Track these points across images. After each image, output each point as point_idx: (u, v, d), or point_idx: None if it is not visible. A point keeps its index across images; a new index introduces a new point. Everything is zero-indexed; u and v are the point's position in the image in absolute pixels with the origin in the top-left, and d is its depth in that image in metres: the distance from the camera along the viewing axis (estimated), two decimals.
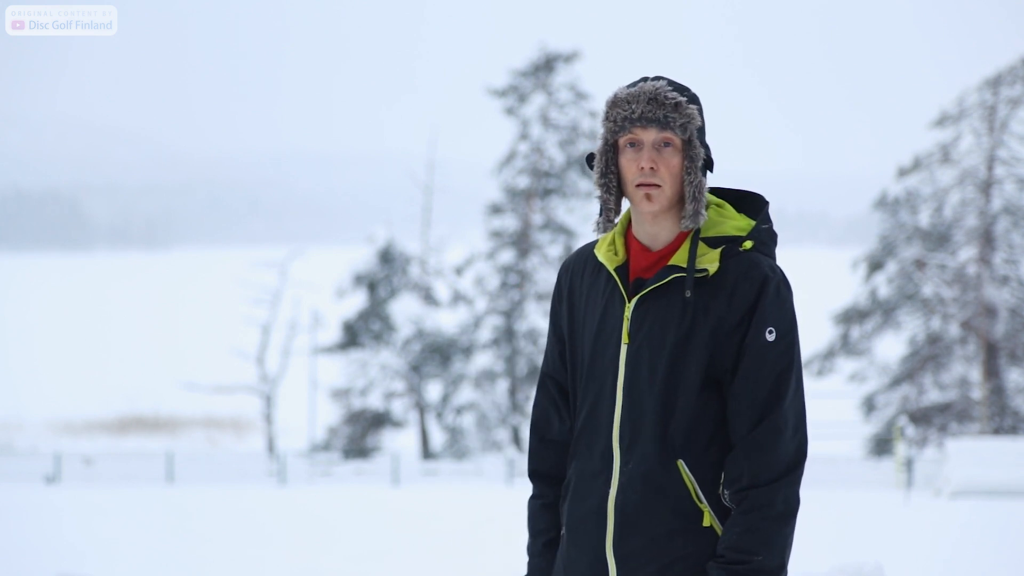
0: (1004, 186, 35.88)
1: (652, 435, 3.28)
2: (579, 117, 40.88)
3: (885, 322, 36.40)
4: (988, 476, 26.03)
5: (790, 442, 3.25)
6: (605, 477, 3.33)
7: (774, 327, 3.25)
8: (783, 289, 3.28)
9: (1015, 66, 35.46)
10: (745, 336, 3.26)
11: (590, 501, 3.34)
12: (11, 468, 35.16)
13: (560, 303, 3.49)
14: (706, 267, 3.28)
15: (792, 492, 3.24)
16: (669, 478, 3.27)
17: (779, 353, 3.25)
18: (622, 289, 3.35)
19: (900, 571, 12.82)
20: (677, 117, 3.28)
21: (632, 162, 3.31)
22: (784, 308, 3.27)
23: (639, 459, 3.29)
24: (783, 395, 3.25)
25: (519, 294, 40.22)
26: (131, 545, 16.79)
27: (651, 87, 3.31)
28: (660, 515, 3.27)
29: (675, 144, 3.29)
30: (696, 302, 3.28)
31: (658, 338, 3.29)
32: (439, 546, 16.68)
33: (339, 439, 40.14)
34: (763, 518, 3.21)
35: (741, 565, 3.21)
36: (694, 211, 3.29)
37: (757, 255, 3.31)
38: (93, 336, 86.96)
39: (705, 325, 3.26)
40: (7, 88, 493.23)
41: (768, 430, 3.24)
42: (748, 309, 3.26)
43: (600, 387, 3.35)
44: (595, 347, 3.37)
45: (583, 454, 3.39)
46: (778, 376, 3.25)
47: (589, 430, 3.37)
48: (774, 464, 3.23)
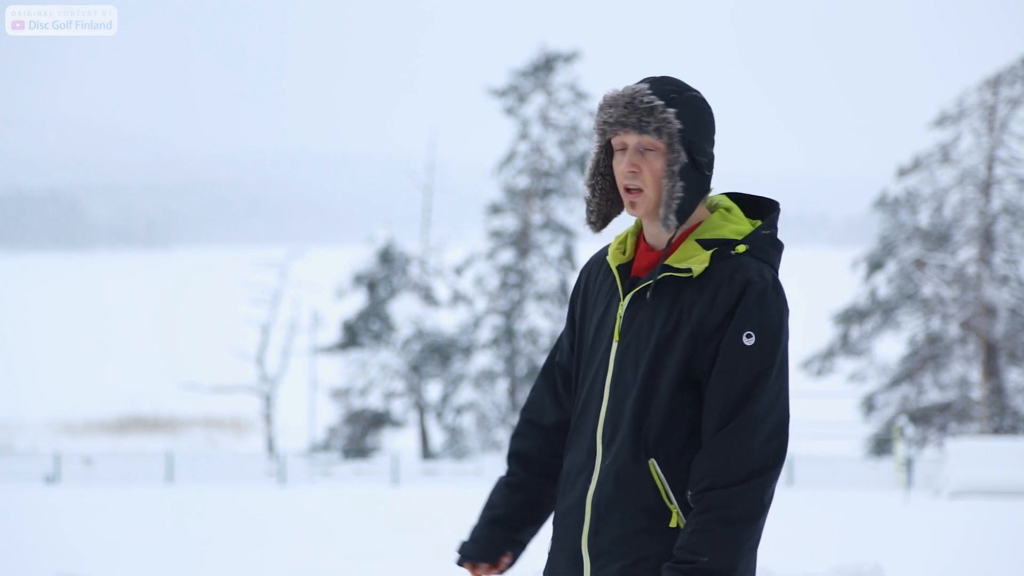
0: (1004, 186, 35.89)
1: (628, 433, 3.28)
2: (579, 117, 40.89)
3: (885, 322, 36.41)
4: (988, 476, 26.04)
5: (761, 446, 3.21)
6: (588, 473, 3.34)
7: (753, 331, 3.22)
8: (770, 294, 3.24)
9: (1015, 66, 35.46)
10: (722, 338, 3.24)
11: (572, 496, 3.37)
12: (11, 468, 35.16)
13: (576, 298, 3.52)
14: (691, 267, 3.27)
15: (755, 497, 3.19)
16: (640, 477, 3.27)
17: (756, 358, 3.22)
18: (619, 287, 3.37)
19: (899, 571, 12.82)
20: (652, 121, 3.27)
21: (619, 165, 3.33)
22: (767, 313, 3.23)
23: (615, 456, 3.30)
24: (756, 398, 3.21)
25: (519, 294, 40.23)
26: (131, 545, 16.80)
27: (630, 91, 3.31)
28: (630, 513, 3.27)
29: (658, 148, 3.29)
30: (681, 303, 3.27)
31: (644, 337, 3.30)
32: (439, 546, 16.67)
33: (339, 439, 40.16)
34: (716, 520, 3.18)
35: (687, 564, 3.18)
36: (665, 216, 3.28)
37: (748, 259, 3.28)
38: (93, 336, 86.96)
39: (685, 326, 3.26)
40: (7, 88, 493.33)
41: (735, 432, 3.21)
42: (728, 312, 3.24)
43: (592, 383, 3.38)
44: (593, 344, 3.41)
45: (573, 449, 3.41)
46: (752, 380, 3.22)
47: (580, 425, 3.40)
48: (736, 467, 3.19)
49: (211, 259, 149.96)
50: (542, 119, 40.85)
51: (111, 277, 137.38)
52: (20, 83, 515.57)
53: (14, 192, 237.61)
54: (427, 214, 42.31)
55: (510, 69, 41.15)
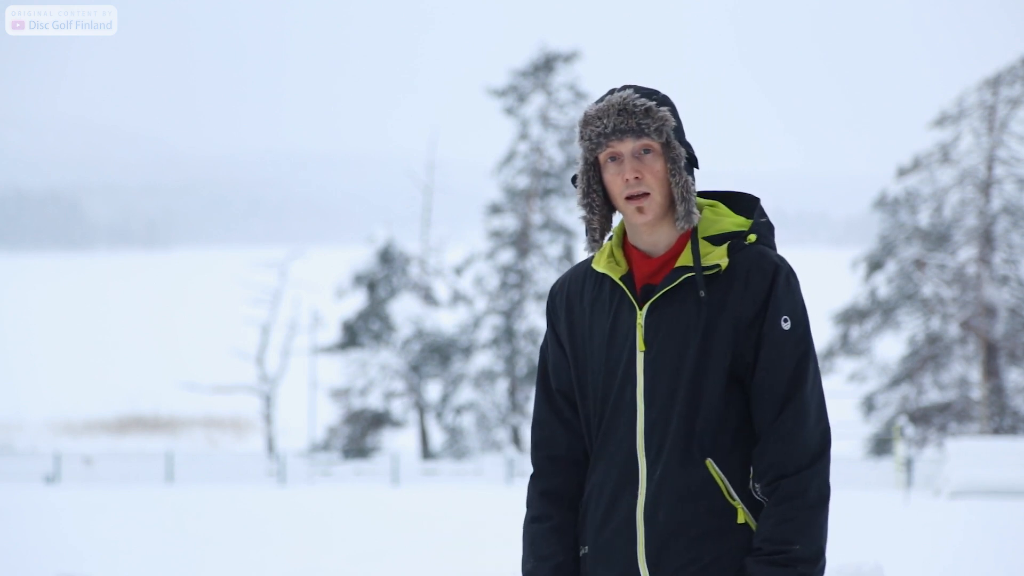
0: (1004, 186, 35.89)
1: (679, 439, 3.24)
2: (579, 117, 40.90)
3: (885, 322, 36.41)
4: (988, 476, 26.04)
5: (815, 428, 3.24)
6: (632, 489, 3.27)
7: (788, 315, 3.24)
8: (792, 278, 3.28)
9: (1015, 66, 35.47)
10: (762, 327, 3.25)
11: (617, 516, 3.29)
12: (11, 468, 35.17)
13: (558, 323, 3.43)
14: (717, 263, 3.26)
15: (823, 479, 3.22)
16: (700, 480, 3.24)
17: (796, 341, 3.24)
18: (631, 297, 3.31)
19: (900, 571, 12.82)
20: (650, 122, 3.27)
21: (616, 176, 3.30)
22: (795, 297, 3.27)
23: (666, 465, 3.25)
24: (803, 382, 3.24)
25: (519, 294, 40.23)
26: (131, 545, 16.80)
27: (618, 98, 3.31)
28: (694, 518, 3.23)
29: (655, 149, 3.28)
30: (710, 299, 3.26)
31: (678, 341, 3.26)
32: (439, 546, 16.68)
33: (339, 439, 40.16)
34: (797, 507, 3.19)
35: (780, 555, 3.18)
36: (686, 211, 3.28)
37: (763, 247, 3.30)
38: (93, 336, 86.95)
39: (724, 321, 3.25)
40: (7, 88, 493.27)
41: (792, 418, 3.22)
42: (763, 300, 3.25)
43: (618, 398, 3.30)
44: (608, 359, 3.32)
45: (600, 470, 3.33)
46: (797, 364, 3.24)
47: (609, 443, 3.32)
48: (802, 452, 3.21)
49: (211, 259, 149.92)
50: (542, 119, 40.85)
51: (111, 277, 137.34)
52: (20, 83, 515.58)
53: (14, 192, 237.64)
54: (427, 214, 42.31)
55: (510, 69, 41.16)
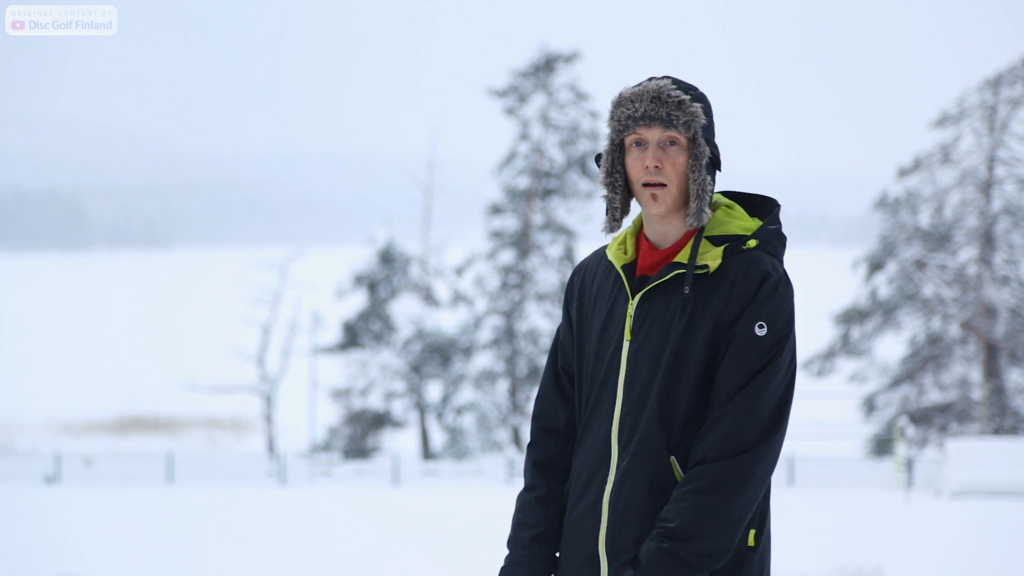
0: (1004, 186, 35.88)
1: (648, 431, 3.26)
2: (579, 117, 40.87)
3: (885, 322, 36.40)
4: (988, 476, 26.03)
5: (754, 426, 3.19)
6: (603, 473, 3.32)
7: (766, 322, 3.23)
8: (782, 287, 3.26)
9: (1015, 66, 35.45)
10: (736, 328, 3.24)
11: (587, 497, 3.33)
12: (11, 468, 35.15)
13: (571, 302, 3.49)
14: (707, 263, 3.27)
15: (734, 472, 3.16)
16: (662, 474, 3.26)
17: (766, 348, 3.22)
18: (627, 286, 3.35)
19: (900, 571, 12.82)
20: (680, 115, 3.27)
21: (637, 161, 3.31)
22: (780, 306, 3.25)
23: (633, 455, 3.27)
24: (762, 385, 3.20)
25: (519, 294, 40.22)
26: (131, 545, 16.79)
27: (655, 86, 3.30)
28: (651, 511, 3.25)
29: (680, 143, 3.29)
30: (696, 299, 3.27)
31: (660, 335, 3.28)
32: (439, 546, 16.67)
33: (339, 439, 40.15)
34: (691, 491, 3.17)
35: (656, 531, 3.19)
36: (697, 209, 3.29)
37: (760, 253, 3.29)
38: (93, 336, 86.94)
39: (705, 321, 3.25)
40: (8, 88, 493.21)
41: (732, 414, 3.19)
42: (745, 304, 3.24)
43: (603, 384, 3.35)
44: (600, 344, 3.37)
45: (582, 451, 3.38)
46: (761, 369, 3.21)
47: (590, 427, 3.37)
48: (729, 446, 3.18)
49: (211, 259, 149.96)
50: (542, 119, 40.83)
51: (111, 277, 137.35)
52: (20, 83, 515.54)
53: (14, 192, 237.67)
54: (427, 214, 42.30)
55: (510, 70, 41.14)
